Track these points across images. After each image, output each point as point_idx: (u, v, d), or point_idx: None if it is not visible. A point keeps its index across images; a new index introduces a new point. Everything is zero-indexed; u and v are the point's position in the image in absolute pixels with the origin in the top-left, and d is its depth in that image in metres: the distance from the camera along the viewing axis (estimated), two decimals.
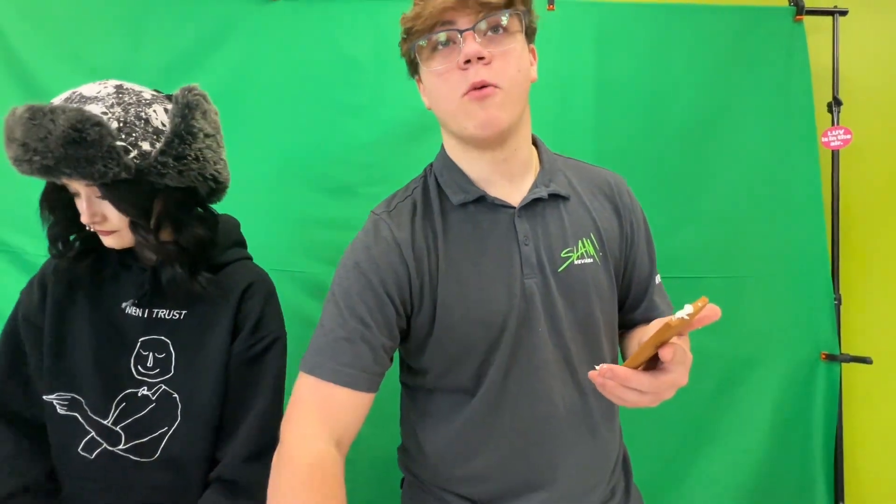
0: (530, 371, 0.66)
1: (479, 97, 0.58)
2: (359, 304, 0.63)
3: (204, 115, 0.73)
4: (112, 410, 0.73)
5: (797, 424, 1.24)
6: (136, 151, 0.66)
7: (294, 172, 1.28)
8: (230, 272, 0.80)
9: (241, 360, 0.75)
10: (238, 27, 1.30)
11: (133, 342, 0.74)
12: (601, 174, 0.75)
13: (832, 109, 1.33)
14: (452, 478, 0.71)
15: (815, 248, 1.28)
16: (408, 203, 0.69)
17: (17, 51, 1.29)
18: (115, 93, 0.69)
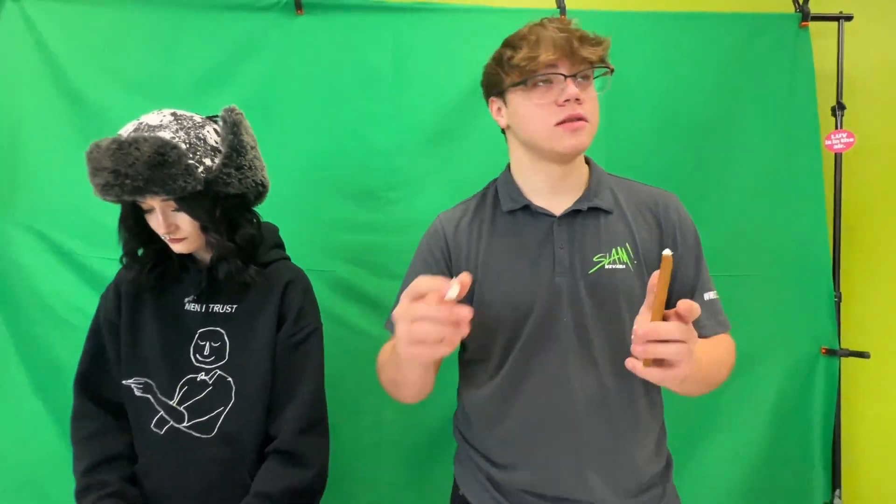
0: (552, 357, 0.75)
1: (572, 129, 0.73)
2: (417, 272, 0.81)
3: (247, 130, 0.86)
4: (177, 392, 0.84)
5: (797, 416, 1.30)
6: (202, 167, 0.79)
7: (319, 178, 1.36)
8: (273, 269, 0.91)
9: (286, 346, 0.86)
10: (266, 41, 1.38)
11: (192, 333, 0.85)
12: (650, 192, 0.83)
13: (836, 113, 1.37)
14: (486, 439, 0.80)
15: (816, 248, 1.33)
16: (460, 208, 0.87)
17: (62, 66, 1.38)
18: (175, 119, 0.81)
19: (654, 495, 0.77)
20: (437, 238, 0.83)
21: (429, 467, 1.29)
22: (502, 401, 0.78)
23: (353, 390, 1.32)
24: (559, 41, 0.71)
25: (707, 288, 0.80)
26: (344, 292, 1.34)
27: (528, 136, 0.77)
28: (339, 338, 1.33)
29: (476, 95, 1.35)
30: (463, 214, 0.84)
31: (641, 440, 0.78)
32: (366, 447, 1.30)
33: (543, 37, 0.72)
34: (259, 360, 0.85)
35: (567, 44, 0.71)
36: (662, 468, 0.80)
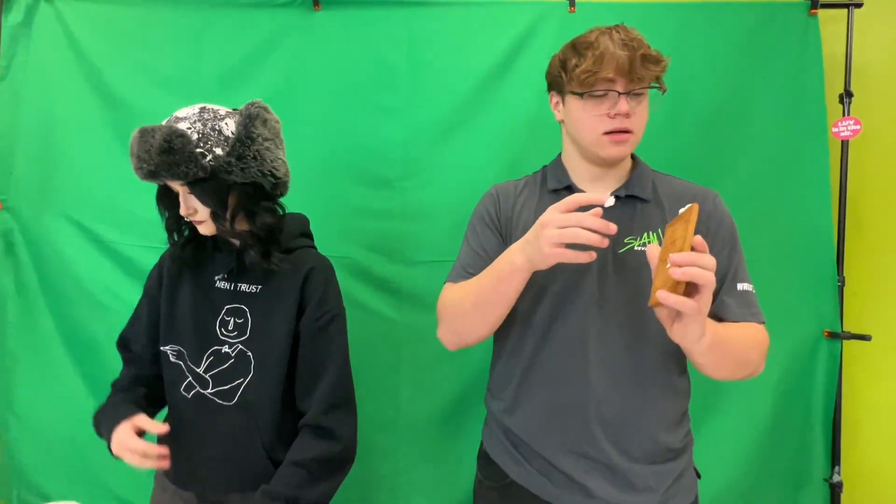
0: (573, 321, 0.81)
1: (617, 140, 0.81)
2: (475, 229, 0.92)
3: (264, 123, 0.90)
4: (203, 361, 0.92)
5: (799, 396, 1.35)
6: (210, 156, 0.84)
7: (338, 168, 1.43)
8: (297, 255, 0.96)
9: (311, 330, 0.92)
10: (286, 37, 1.44)
11: (220, 309, 0.93)
12: (691, 187, 0.90)
13: (843, 101, 1.39)
14: (508, 404, 0.86)
15: (821, 234, 1.36)
16: (513, 182, 0.96)
17: (94, 63, 1.46)
18: (199, 112, 0.88)
19: (669, 469, 0.82)
20: (491, 200, 0.92)
21: (442, 441, 1.37)
22: (524, 367, 0.84)
23: (372, 370, 1.39)
24: (622, 60, 0.77)
25: (741, 279, 0.84)
26: (362, 277, 1.41)
27: (577, 137, 0.86)
28: (357, 321, 1.39)
29: (487, 88, 1.41)
30: (515, 186, 0.94)
31: (656, 414, 0.81)
32: (384, 423, 1.38)
33: (608, 52, 0.77)
34: (278, 338, 0.91)
35: (628, 63, 0.77)
36: (679, 447, 0.84)
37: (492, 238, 0.89)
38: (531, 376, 0.84)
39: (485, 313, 0.80)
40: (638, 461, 0.80)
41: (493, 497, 0.87)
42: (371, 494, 1.39)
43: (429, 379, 1.38)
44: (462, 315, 0.82)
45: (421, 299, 1.38)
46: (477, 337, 0.85)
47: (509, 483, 0.84)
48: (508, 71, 1.40)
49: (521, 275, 0.74)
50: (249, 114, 0.89)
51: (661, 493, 0.80)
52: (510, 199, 0.91)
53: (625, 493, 0.79)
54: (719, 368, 0.76)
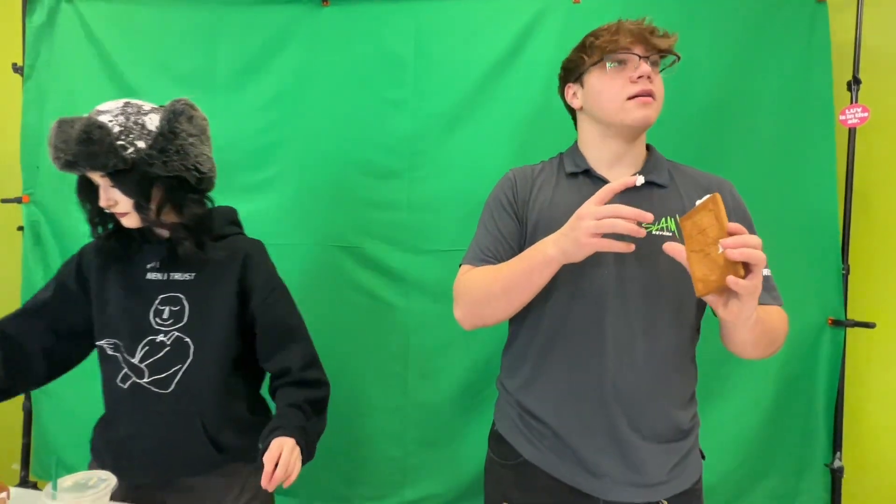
0: (591, 301, 0.84)
1: (643, 102, 0.84)
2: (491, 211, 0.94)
3: (189, 120, 0.92)
4: (138, 351, 0.92)
5: (802, 383, 1.36)
6: (132, 148, 0.86)
7: (348, 160, 1.47)
8: (230, 242, 1.00)
9: (264, 308, 0.97)
10: (296, 32, 1.48)
11: (153, 299, 0.93)
12: (707, 176, 0.93)
13: (851, 88, 1.38)
14: (522, 384, 0.89)
15: (826, 222, 1.36)
16: (530, 166, 0.98)
17: (114, 61, 1.52)
18: (123, 106, 0.90)
19: (676, 449, 0.85)
20: (509, 185, 0.94)
21: (449, 425, 1.41)
22: (541, 346, 0.87)
23: (381, 356, 1.44)
24: (636, 30, 0.84)
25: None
26: (371, 266, 1.46)
27: (601, 110, 0.88)
28: (366, 308, 1.45)
29: (493, 80, 1.44)
30: (532, 170, 0.96)
31: (670, 393, 0.84)
32: (392, 408, 1.43)
33: (623, 27, 0.85)
34: (219, 323, 0.93)
35: (642, 33, 0.84)
36: (688, 428, 0.88)
37: (509, 222, 0.91)
38: (548, 356, 0.86)
39: (511, 299, 0.83)
40: (649, 440, 0.83)
41: (506, 475, 0.90)
42: (381, 476, 1.45)
43: (436, 365, 1.43)
44: (488, 299, 0.85)
45: (428, 287, 1.42)
46: (497, 319, 0.88)
47: (522, 462, 0.87)
48: (514, 63, 1.42)
49: (553, 266, 0.77)
50: (174, 110, 0.91)
51: (667, 471, 0.83)
52: (528, 183, 0.93)
53: (632, 470, 0.82)
54: (757, 346, 0.80)
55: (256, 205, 1.48)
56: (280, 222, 1.47)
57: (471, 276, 0.88)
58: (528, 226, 0.89)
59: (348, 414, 1.45)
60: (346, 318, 1.46)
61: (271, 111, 1.48)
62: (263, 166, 1.49)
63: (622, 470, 0.82)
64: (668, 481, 0.83)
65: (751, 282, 0.64)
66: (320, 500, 1.46)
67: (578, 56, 0.90)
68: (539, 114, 1.40)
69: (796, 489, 1.37)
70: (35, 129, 1.54)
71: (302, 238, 1.47)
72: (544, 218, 0.88)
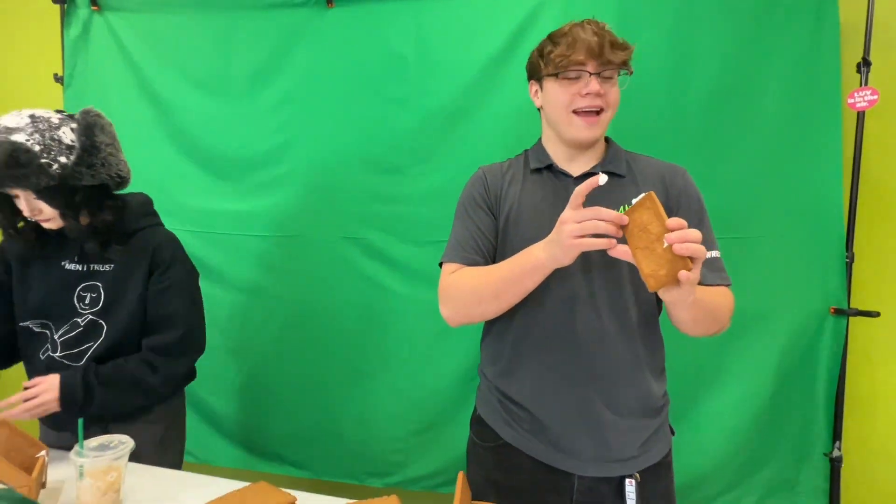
0: (560, 294, 0.88)
1: (588, 122, 0.88)
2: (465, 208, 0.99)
3: (102, 130, 0.99)
4: (58, 330, 1.04)
5: (802, 371, 1.35)
6: (56, 165, 0.93)
7: (352, 156, 1.54)
8: (144, 234, 1.08)
9: (154, 295, 1.06)
10: (304, 34, 1.56)
11: (75, 287, 1.04)
12: (662, 164, 0.96)
13: (861, 69, 1.34)
14: (500, 373, 0.95)
15: (830, 209, 1.33)
16: (498, 164, 1.03)
17: (141, 68, 1.64)
18: (32, 122, 0.94)
19: (647, 425, 0.89)
20: (480, 182, 0.99)
21: (449, 408, 1.49)
22: (516, 335, 0.92)
23: (383, 342, 1.53)
24: (592, 45, 0.84)
25: (710, 247, 0.89)
26: (376, 257, 1.54)
27: (553, 119, 0.93)
28: (371, 297, 1.54)
29: (491, 76, 1.47)
30: (500, 167, 1.01)
31: (643, 367, 0.88)
32: (396, 390, 1.52)
33: (579, 39, 0.85)
34: (131, 308, 1.04)
35: (598, 47, 0.84)
36: (660, 405, 0.91)
37: (485, 217, 0.96)
38: (524, 343, 0.92)
39: (501, 302, 0.88)
40: (623, 416, 0.87)
41: (487, 457, 0.96)
42: (386, 455, 1.54)
43: (437, 351, 1.50)
44: (479, 302, 0.89)
45: (428, 277, 1.49)
46: (485, 318, 0.94)
47: (502, 444, 0.93)
48: (511, 58, 1.45)
49: (543, 271, 0.82)
50: (87, 123, 0.97)
51: (638, 446, 0.87)
52: (498, 179, 0.98)
53: (605, 447, 0.86)
54: (697, 324, 0.83)
55: (270, 200, 1.58)
56: (291, 216, 1.57)
57: (458, 277, 0.92)
58: (500, 220, 0.94)
59: (355, 396, 1.55)
60: (353, 305, 1.55)
61: (282, 111, 1.57)
62: (275, 164, 1.58)
63: (596, 447, 0.87)
64: (639, 456, 0.87)
65: (695, 275, 0.68)
66: (329, 475, 1.57)
67: (537, 60, 0.93)
68: (535, 108, 1.42)
69: (795, 478, 1.37)
70: None
71: (312, 230, 1.56)
72: (514, 212, 0.93)
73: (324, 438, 1.58)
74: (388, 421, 1.53)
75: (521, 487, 0.90)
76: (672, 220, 0.68)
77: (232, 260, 1.60)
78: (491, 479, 0.94)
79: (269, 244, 1.58)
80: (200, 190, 1.62)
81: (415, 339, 1.51)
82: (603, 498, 0.87)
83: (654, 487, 0.88)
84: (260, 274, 1.59)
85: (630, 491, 0.85)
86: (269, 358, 1.61)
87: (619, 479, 0.86)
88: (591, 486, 0.87)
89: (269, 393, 1.61)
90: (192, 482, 0.94)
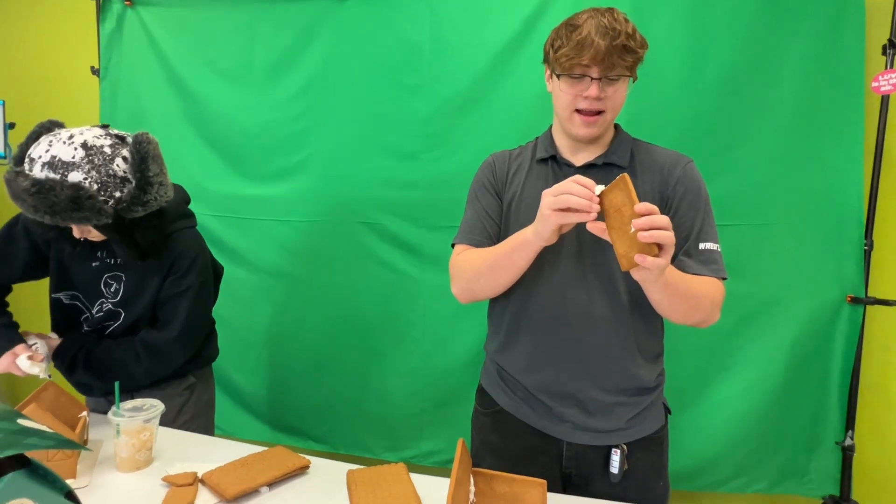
0: (555, 273, 0.92)
1: (587, 121, 0.89)
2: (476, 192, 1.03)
3: (154, 160, 0.98)
4: (92, 307, 1.11)
5: (816, 359, 1.34)
6: (112, 200, 0.93)
7: (370, 144, 1.59)
8: (174, 240, 1.10)
9: (164, 295, 1.10)
10: (322, 25, 1.60)
11: (102, 274, 1.09)
12: (665, 154, 0.96)
13: (886, 52, 1.30)
14: (499, 349, 0.99)
15: (850, 196, 1.31)
16: (507, 151, 1.05)
17: (170, 60, 1.72)
18: (86, 155, 0.91)
19: (638, 401, 0.92)
20: (489, 169, 1.03)
21: (459, 386, 1.53)
22: (513, 314, 0.96)
23: (398, 323, 1.58)
24: (600, 49, 0.82)
25: (705, 239, 0.90)
26: (390, 241, 1.59)
27: (557, 111, 0.95)
28: (385, 280, 1.59)
29: (504, 62, 1.50)
30: (510, 154, 1.04)
31: (632, 352, 0.90)
32: (409, 369, 1.58)
33: (588, 40, 0.83)
34: (145, 304, 1.09)
35: (604, 52, 0.82)
36: (653, 385, 0.94)
37: (493, 201, 1.00)
38: (518, 322, 0.96)
39: (497, 277, 0.92)
40: (611, 393, 0.90)
41: (486, 422, 1.02)
42: (400, 430, 1.61)
43: (449, 332, 1.55)
44: (478, 277, 0.94)
45: (442, 260, 1.52)
46: (487, 295, 0.98)
47: (498, 410, 0.98)
48: (525, 44, 1.46)
49: (530, 246, 0.85)
50: (141, 155, 0.96)
51: (626, 420, 0.91)
52: (505, 166, 1.01)
53: (592, 419, 0.90)
54: (673, 309, 0.85)
55: (290, 186, 1.65)
56: (310, 202, 1.63)
57: (464, 256, 0.98)
58: (504, 205, 0.98)
59: (371, 373, 1.62)
60: (369, 287, 1.61)
61: (301, 100, 1.63)
62: (295, 151, 1.64)
63: (583, 418, 0.91)
64: (628, 428, 0.90)
65: (660, 259, 0.70)
66: (346, 448, 1.65)
67: (548, 50, 0.93)
68: (547, 94, 1.43)
69: (806, 466, 1.37)
70: (111, 123, 1.79)
71: (330, 215, 1.62)
72: (516, 199, 0.96)
73: (341, 414, 1.65)
74: (403, 398, 1.59)
75: (514, 450, 0.95)
76: (641, 204, 0.69)
77: (254, 243, 1.68)
78: (487, 442, 1.00)
79: (290, 228, 1.65)
80: (225, 176, 1.70)
81: (428, 320, 1.56)
82: (591, 464, 0.91)
83: (643, 459, 0.91)
84: (281, 257, 1.67)
85: (615, 460, 0.89)
86: (289, 337, 1.68)
87: (607, 448, 0.90)
88: (578, 452, 0.91)
89: (289, 370, 1.70)
90: (217, 445, 1.02)
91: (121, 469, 0.89)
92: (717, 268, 0.88)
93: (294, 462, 0.90)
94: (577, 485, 0.92)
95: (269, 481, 0.85)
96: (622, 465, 0.88)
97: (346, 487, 0.86)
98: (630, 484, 0.90)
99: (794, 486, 1.40)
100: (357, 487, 0.84)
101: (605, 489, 0.90)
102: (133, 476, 0.88)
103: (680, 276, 0.82)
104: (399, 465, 0.91)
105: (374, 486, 0.85)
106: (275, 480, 0.86)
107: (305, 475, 0.90)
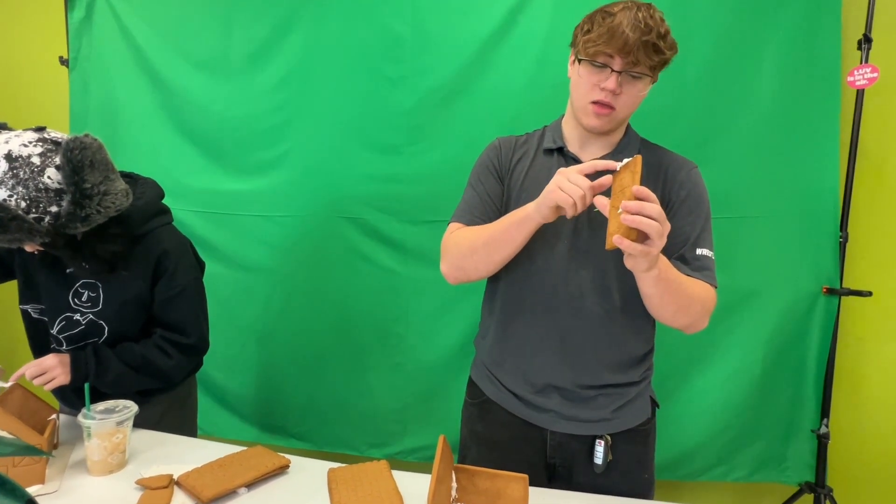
0: (548, 269, 0.91)
1: (599, 112, 0.87)
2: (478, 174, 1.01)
3: (91, 166, 0.84)
4: (56, 324, 1.00)
5: (792, 349, 1.36)
6: (48, 216, 0.82)
7: (351, 136, 1.56)
8: (150, 239, 1.02)
9: (163, 299, 1.04)
10: (302, 15, 1.56)
11: (74, 282, 0.99)
12: (671, 157, 0.95)
13: (862, 47, 1.32)
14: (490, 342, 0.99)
15: (826, 188, 1.33)
16: (514, 137, 1.03)
17: (143, 50, 1.66)
18: (10, 170, 0.80)
19: (622, 393, 0.92)
20: (495, 152, 1.00)
21: (443, 381, 1.53)
22: (502, 307, 0.96)
23: (381, 319, 1.57)
24: (629, 42, 0.79)
25: (701, 245, 0.89)
26: (372, 235, 1.57)
27: (573, 98, 0.93)
28: (368, 275, 1.57)
29: (486, 55, 1.48)
30: (516, 140, 1.02)
31: (618, 353, 0.91)
32: (393, 364, 1.56)
33: (618, 30, 0.80)
34: (131, 310, 1.01)
35: (634, 46, 0.79)
36: (637, 380, 0.94)
37: (495, 184, 0.98)
38: (508, 315, 0.96)
39: (491, 252, 0.90)
40: (595, 387, 0.91)
41: (474, 411, 1.02)
42: (384, 426, 1.59)
43: (432, 327, 1.54)
44: (471, 253, 0.92)
45: (425, 255, 1.52)
46: (478, 274, 0.95)
47: (485, 399, 0.99)
48: (506, 37, 1.45)
49: (529, 222, 0.84)
50: (73, 165, 0.82)
51: (610, 411, 0.91)
52: (510, 152, 1.00)
53: (576, 407, 0.91)
54: (662, 305, 0.84)
55: (270, 180, 1.61)
56: (291, 196, 1.60)
57: (459, 232, 0.96)
58: (505, 191, 0.97)
59: (354, 369, 1.60)
60: (352, 283, 1.59)
61: (280, 92, 1.59)
62: (274, 144, 1.60)
63: (567, 407, 0.91)
64: (612, 419, 0.91)
65: (638, 246, 0.69)
66: (330, 445, 1.64)
67: (578, 32, 0.89)
68: (529, 87, 1.43)
69: (783, 454, 1.40)
70: (82, 117, 1.73)
71: (310, 210, 1.59)
72: (517, 188, 0.94)
73: (324, 411, 1.63)
74: (387, 394, 1.58)
75: (499, 439, 0.95)
76: (639, 189, 0.69)
77: (234, 239, 1.64)
78: (474, 431, 1.00)
79: (270, 223, 1.62)
80: (203, 171, 1.65)
81: (411, 315, 1.55)
82: (574, 454, 0.91)
83: (628, 451, 0.91)
84: (261, 253, 1.63)
85: (598, 451, 0.89)
86: (271, 334, 1.65)
87: (591, 439, 0.90)
88: (562, 442, 0.92)
89: (271, 368, 1.67)
90: (195, 445, 1.00)
91: (93, 473, 0.86)
92: (711, 275, 0.88)
93: (273, 462, 0.89)
94: (561, 476, 0.93)
95: (247, 482, 0.83)
96: (606, 456, 0.89)
97: (326, 487, 0.85)
98: (614, 475, 0.90)
99: (772, 474, 1.43)
100: (338, 486, 0.83)
101: (589, 480, 0.91)
102: (106, 480, 0.85)
103: (675, 273, 0.81)
104: (381, 462, 0.90)
105: (355, 484, 0.84)
106: (253, 481, 0.84)
107: (285, 475, 0.89)
